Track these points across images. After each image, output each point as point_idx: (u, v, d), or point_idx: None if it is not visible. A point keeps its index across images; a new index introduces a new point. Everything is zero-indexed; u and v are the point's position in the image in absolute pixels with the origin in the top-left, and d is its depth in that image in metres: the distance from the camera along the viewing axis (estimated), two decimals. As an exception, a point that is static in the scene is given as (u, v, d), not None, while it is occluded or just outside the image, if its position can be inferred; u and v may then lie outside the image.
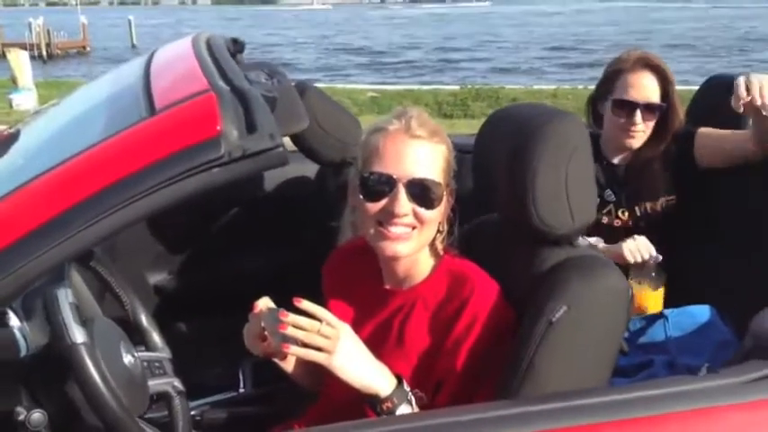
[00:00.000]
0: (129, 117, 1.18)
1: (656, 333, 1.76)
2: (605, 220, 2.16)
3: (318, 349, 1.24)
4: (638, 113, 2.06)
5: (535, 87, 13.61)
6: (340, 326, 1.26)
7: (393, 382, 1.26)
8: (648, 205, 2.13)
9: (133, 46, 33.77)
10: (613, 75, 2.12)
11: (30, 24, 30.63)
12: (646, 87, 2.06)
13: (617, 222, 2.17)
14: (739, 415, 1.09)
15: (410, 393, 1.27)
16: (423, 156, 1.31)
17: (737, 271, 1.93)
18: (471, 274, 1.36)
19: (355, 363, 1.25)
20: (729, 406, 1.08)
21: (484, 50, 26.18)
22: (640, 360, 1.69)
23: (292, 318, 1.23)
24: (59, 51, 31.69)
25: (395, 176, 1.29)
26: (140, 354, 1.50)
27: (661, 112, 2.07)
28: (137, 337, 1.58)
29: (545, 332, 1.24)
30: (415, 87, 13.86)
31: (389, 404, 1.24)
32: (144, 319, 1.61)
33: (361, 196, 1.33)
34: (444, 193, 1.33)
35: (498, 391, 1.26)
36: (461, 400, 1.27)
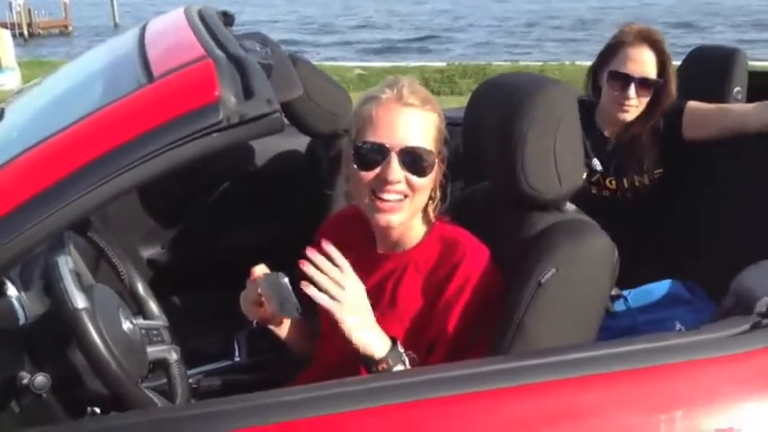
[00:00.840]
0: (126, 85, 1.19)
1: (618, 307, 1.82)
2: (594, 189, 2.20)
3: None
4: (633, 87, 2.08)
5: (522, 63, 13.59)
6: (355, 280, 1.29)
7: (388, 343, 1.30)
8: (636, 178, 2.18)
9: (116, 25, 33.28)
10: (614, 47, 2.13)
11: (10, 4, 30.15)
12: (643, 62, 2.07)
13: (605, 192, 2.21)
14: (723, 367, 1.13)
15: (404, 354, 1.30)
16: (415, 124, 1.33)
17: (718, 242, 1.98)
18: (462, 240, 1.39)
19: (360, 320, 1.28)
20: (714, 359, 1.13)
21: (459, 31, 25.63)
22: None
23: (318, 258, 1.25)
24: (41, 31, 31.28)
25: (388, 145, 1.32)
26: (139, 321, 1.52)
27: (656, 88, 2.09)
28: (133, 307, 1.60)
29: (534, 293, 1.28)
30: (402, 64, 13.81)
31: (384, 365, 1.27)
32: (141, 288, 1.62)
33: (355, 165, 1.35)
34: (436, 160, 1.35)
35: (490, 351, 1.30)
36: (453, 360, 1.30)
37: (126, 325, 1.42)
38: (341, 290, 1.26)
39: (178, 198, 2.44)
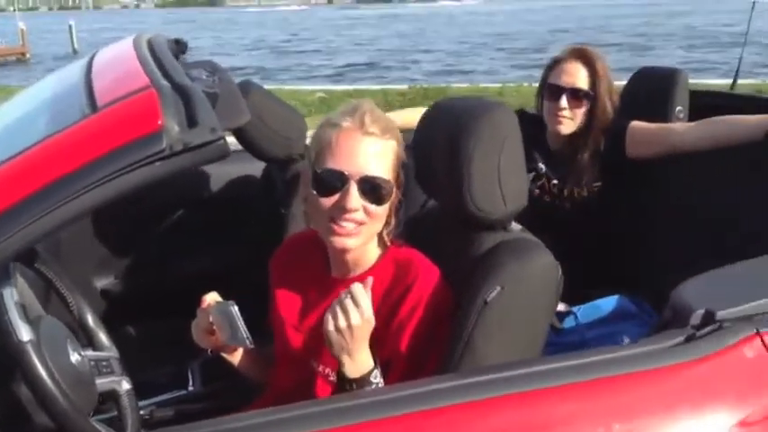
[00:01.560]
0: (71, 116, 1.19)
1: (567, 323, 1.87)
2: (537, 192, 2.29)
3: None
4: (565, 98, 2.19)
5: (482, 85, 13.78)
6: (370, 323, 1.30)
7: (365, 368, 1.31)
8: (576, 190, 2.27)
9: (74, 51, 32.87)
10: (552, 64, 2.27)
11: (-34, 33, 29.65)
12: (575, 75, 2.19)
13: (546, 198, 2.30)
14: (660, 379, 1.17)
15: (374, 384, 1.31)
16: (374, 153, 1.34)
17: (656, 254, 2.04)
18: (415, 261, 1.41)
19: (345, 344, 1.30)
20: (652, 370, 1.16)
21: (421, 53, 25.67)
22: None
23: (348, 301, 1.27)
24: (-2, 58, 30.79)
25: (347, 173, 1.33)
26: (87, 353, 1.50)
27: (589, 100, 2.19)
28: (83, 338, 1.58)
29: (481, 311, 1.31)
30: (364, 87, 13.90)
31: (355, 385, 1.30)
32: (90, 319, 1.60)
33: (314, 191, 1.36)
34: (393, 188, 1.37)
35: (441, 369, 1.32)
36: (408, 379, 1.32)
37: (74, 357, 1.40)
38: (350, 337, 1.28)
39: (132, 227, 2.43)
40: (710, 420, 1.17)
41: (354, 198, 1.32)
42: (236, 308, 1.32)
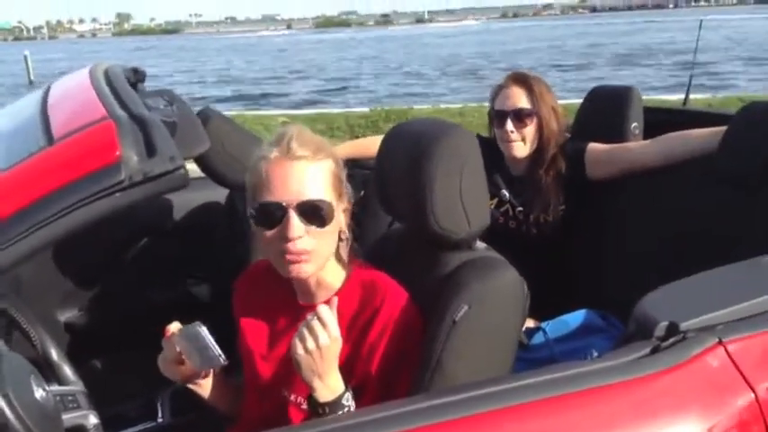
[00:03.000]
0: (26, 149, 1.18)
1: (537, 339, 1.89)
2: (501, 220, 2.32)
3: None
4: (509, 121, 2.26)
5: (443, 106, 13.91)
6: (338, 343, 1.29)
7: (337, 392, 1.30)
8: (541, 216, 2.30)
9: (30, 82, 32.42)
10: (494, 93, 2.35)
11: None
12: (515, 97, 2.27)
13: (512, 224, 2.33)
14: (626, 392, 1.18)
15: (346, 408, 1.30)
16: (308, 176, 1.33)
17: (619, 272, 2.08)
18: (382, 284, 1.41)
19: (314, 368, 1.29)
20: (617, 384, 1.17)
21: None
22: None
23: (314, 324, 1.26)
24: (-49, 91, 30.21)
25: (284, 203, 1.31)
26: (53, 388, 1.47)
27: (533, 119, 2.25)
28: (48, 374, 1.55)
29: (449, 331, 1.31)
30: (326, 111, 13.93)
31: (327, 409, 1.28)
32: (54, 354, 1.58)
33: (257, 226, 1.35)
34: (335, 206, 1.36)
35: (412, 390, 1.32)
36: (381, 402, 1.31)
37: (38, 392, 1.37)
38: (321, 361, 1.27)
39: (95, 259, 2.39)
40: (679, 430, 1.18)
41: (296, 226, 1.31)
42: (204, 328, 1.31)
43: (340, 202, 1.38)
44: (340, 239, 1.41)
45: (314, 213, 1.33)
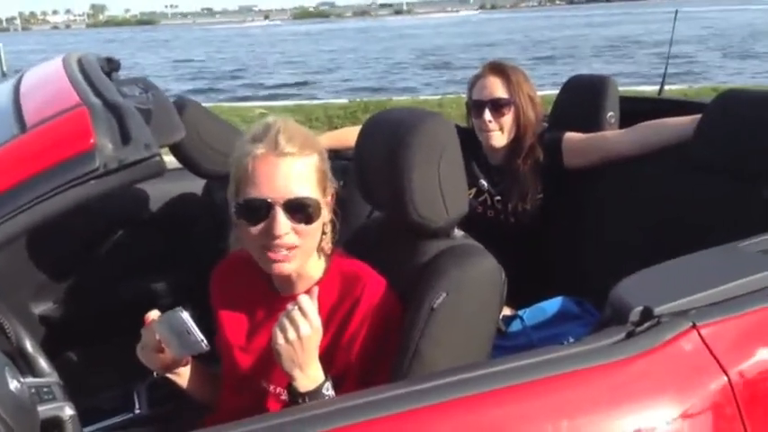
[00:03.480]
0: (0, 137, 1.17)
1: (514, 326, 1.91)
2: (479, 209, 2.33)
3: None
4: (487, 110, 2.26)
5: (421, 98, 13.92)
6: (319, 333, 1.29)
7: (316, 382, 1.30)
8: (519, 205, 2.32)
9: (3, 74, 31.98)
10: (471, 83, 2.35)
11: None
12: (492, 87, 2.28)
13: (490, 213, 2.34)
14: (602, 376, 1.19)
15: (326, 396, 1.30)
16: (295, 173, 1.31)
17: (597, 260, 2.10)
18: (361, 274, 1.41)
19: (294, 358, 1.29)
20: (593, 368, 1.19)
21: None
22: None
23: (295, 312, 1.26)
24: None
25: (270, 200, 1.30)
26: (27, 380, 1.46)
27: (510, 108, 2.26)
28: (23, 366, 1.54)
29: (428, 318, 1.32)
30: (305, 102, 13.87)
31: (307, 399, 1.29)
32: (29, 345, 1.56)
33: (242, 221, 1.34)
34: (321, 203, 1.35)
35: (391, 378, 1.32)
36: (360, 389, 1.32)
37: (13, 384, 1.35)
38: (300, 350, 1.27)
39: (69, 250, 2.36)
40: (654, 413, 1.19)
41: (282, 224, 1.30)
42: (185, 312, 1.30)
43: (324, 196, 1.38)
44: (323, 232, 1.41)
45: (300, 211, 1.32)
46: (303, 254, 1.36)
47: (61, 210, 1.06)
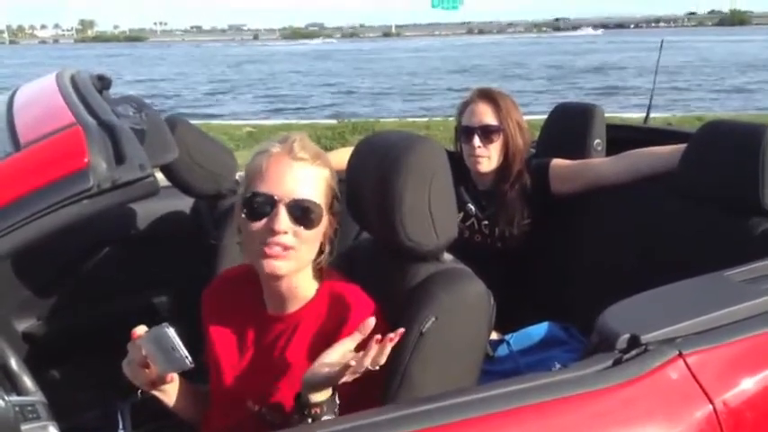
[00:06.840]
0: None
1: (501, 351, 1.91)
2: (466, 233, 2.34)
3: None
4: (476, 137, 2.28)
5: (409, 120, 13.99)
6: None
7: (328, 392, 1.29)
8: (506, 230, 2.33)
9: (-10, 87, 31.82)
10: (461, 109, 2.37)
11: None
12: (482, 113, 2.29)
13: (477, 237, 2.35)
14: (590, 403, 1.20)
15: (337, 406, 1.30)
16: (304, 177, 1.35)
17: (583, 285, 2.11)
18: (349, 295, 1.41)
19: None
20: (581, 395, 1.20)
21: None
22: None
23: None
24: None
25: (276, 197, 1.33)
26: (12, 398, 1.44)
27: (499, 135, 2.28)
28: (7, 384, 1.52)
29: (417, 342, 1.32)
30: (293, 122, 13.89)
31: (318, 410, 1.27)
32: (14, 363, 1.55)
33: (245, 216, 1.36)
34: (324, 214, 1.37)
35: (378, 401, 1.32)
36: (347, 413, 1.31)
37: (-3, 403, 1.34)
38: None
39: (54, 267, 2.35)
40: (640, 441, 1.20)
41: (283, 221, 1.32)
42: (171, 329, 1.29)
43: (329, 210, 1.40)
44: (321, 250, 1.41)
45: (303, 214, 1.34)
46: (298, 260, 1.37)
47: (54, 228, 1.06)
